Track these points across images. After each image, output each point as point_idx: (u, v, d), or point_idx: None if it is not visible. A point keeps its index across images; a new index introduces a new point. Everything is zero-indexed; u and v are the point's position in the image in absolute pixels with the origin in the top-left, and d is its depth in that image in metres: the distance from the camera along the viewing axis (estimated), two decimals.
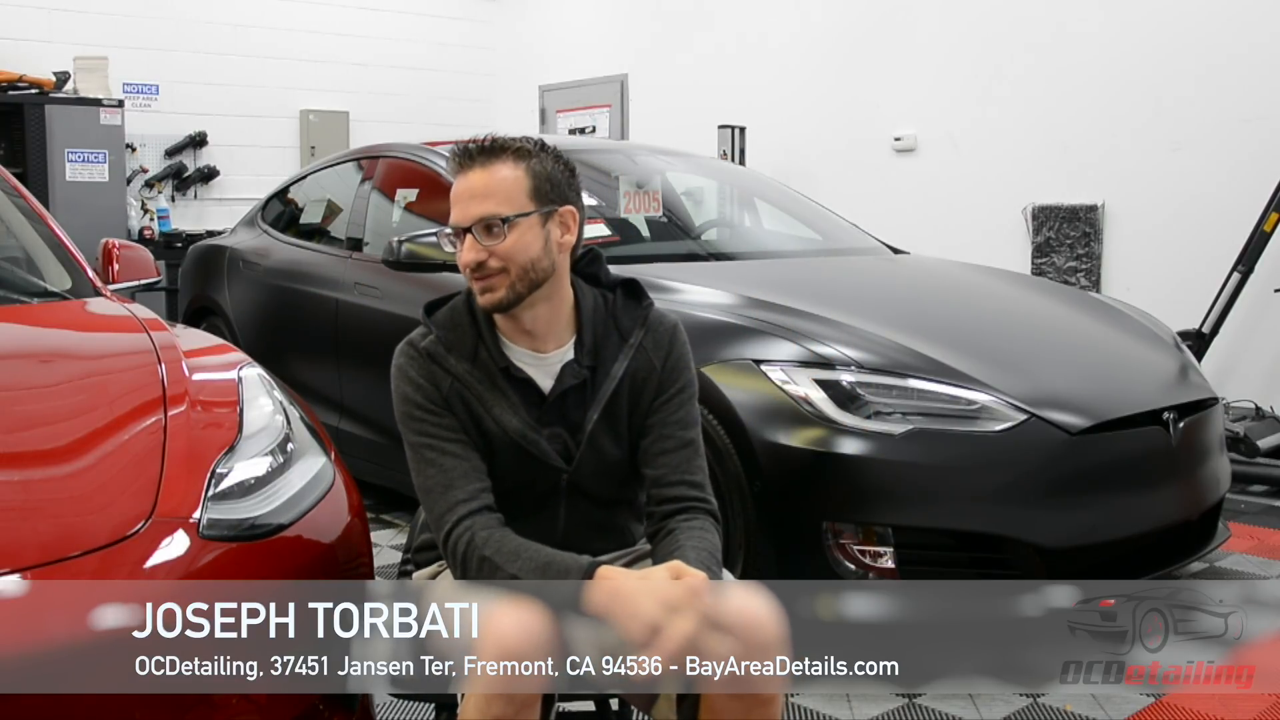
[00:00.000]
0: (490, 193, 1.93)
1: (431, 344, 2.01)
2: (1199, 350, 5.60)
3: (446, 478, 1.94)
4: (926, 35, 7.28)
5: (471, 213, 1.94)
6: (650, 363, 2.04)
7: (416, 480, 1.98)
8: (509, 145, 1.96)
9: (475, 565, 1.88)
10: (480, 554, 1.87)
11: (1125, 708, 2.91)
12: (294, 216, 5.55)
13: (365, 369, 4.63)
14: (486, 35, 10.39)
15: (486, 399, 1.98)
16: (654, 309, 2.08)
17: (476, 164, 1.95)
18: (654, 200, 4.53)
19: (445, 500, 1.93)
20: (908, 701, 2.96)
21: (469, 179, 1.94)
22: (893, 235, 5.17)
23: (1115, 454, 3.22)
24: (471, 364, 2.00)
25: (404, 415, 2.00)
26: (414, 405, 1.98)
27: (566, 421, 2.01)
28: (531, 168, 1.96)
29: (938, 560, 3.04)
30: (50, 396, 2.32)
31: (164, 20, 8.71)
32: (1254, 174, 5.79)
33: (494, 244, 1.93)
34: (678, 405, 2.04)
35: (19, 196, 3.34)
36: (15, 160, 7.62)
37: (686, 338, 2.09)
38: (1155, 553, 3.39)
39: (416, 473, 1.98)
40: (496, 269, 1.93)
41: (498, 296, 1.95)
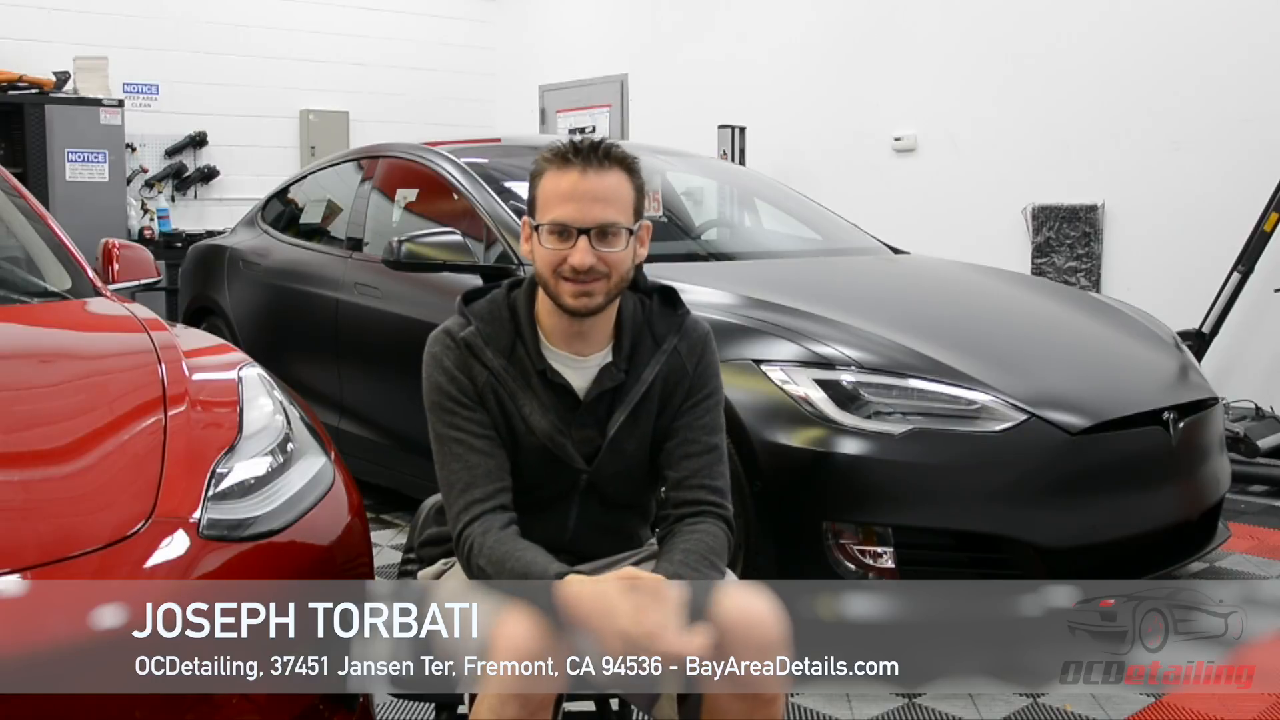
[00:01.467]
0: (611, 199, 1.92)
1: (471, 335, 2.00)
2: (1199, 350, 5.60)
3: (470, 475, 1.94)
4: (926, 35, 7.28)
5: (594, 216, 1.91)
6: (682, 367, 2.04)
7: (440, 473, 1.97)
8: (623, 156, 1.96)
9: (476, 570, 1.89)
10: (477, 562, 1.88)
11: (1125, 708, 2.91)
12: (294, 216, 5.55)
13: (365, 369, 4.63)
14: (486, 35, 10.39)
15: (519, 397, 1.98)
16: (690, 315, 2.10)
17: (594, 166, 1.92)
18: (654, 200, 4.53)
19: (464, 499, 1.93)
20: (908, 701, 2.96)
21: (588, 179, 1.91)
22: (893, 235, 5.17)
23: (1115, 454, 3.22)
24: (508, 360, 1.99)
25: (434, 405, 1.98)
26: (446, 396, 1.97)
27: (597, 424, 2.01)
28: (634, 180, 1.97)
29: (938, 560, 3.04)
30: (50, 396, 2.32)
31: (164, 20, 8.72)
32: (1254, 174, 5.79)
33: (609, 251, 1.91)
34: (705, 411, 2.05)
35: (19, 196, 3.34)
36: (15, 160, 7.62)
37: (716, 346, 2.10)
38: (1155, 553, 3.39)
39: (440, 465, 1.98)
40: (601, 274, 1.92)
41: (595, 302, 1.94)
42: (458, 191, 4.40)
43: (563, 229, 1.91)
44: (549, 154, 1.96)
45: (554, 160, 1.95)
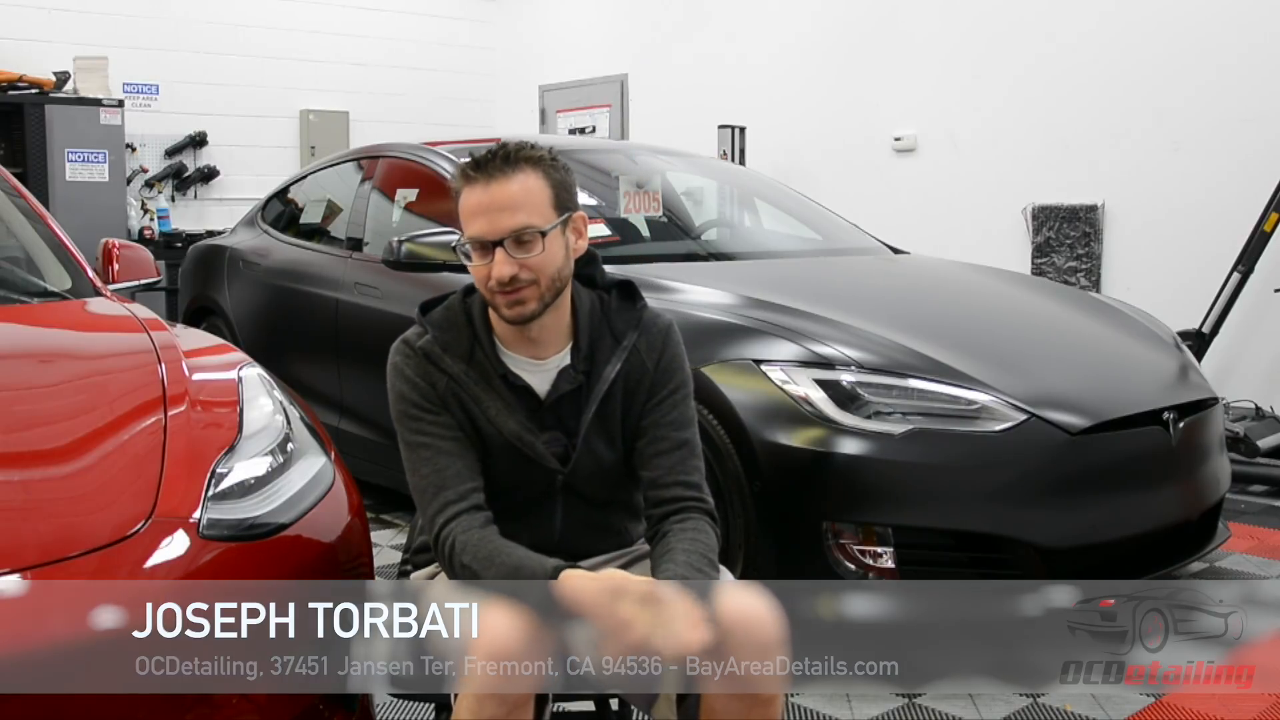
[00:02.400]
0: (520, 204, 1.88)
1: (428, 343, 2.00)
2: (1199, 350, 5.59)
3: (440, 478, 1.94)
4: (926, 35, 7.28)
5: (503, 225, 1.87)
6: (643, 364, 2.02)
7: (411, 479, 1.98)
8: (526, 153, 1.91)
9: (458, 569, 1.88)
10: (460, 560, 1.87)
11: (1125, 708, 2.91)
12: (294, 216, 5.55)
13: (365, 369, 4.63)
14: (486, 35, 10.39)
15: (483, 400, 1.97)
16: (648, 310, 2.06)
17: (497, 175, 1.89)
18: (654, 200, 4.53)
19: (437, 501, 1.93)
20: (908, 701, 2.96)
21: (491, 190, 1.88)
22: (893, 235, 5.17)
23: (1115, 454, 3.22)
24: (467, 365, 1.98)
25: (400, 414, 2.00)
26: (410, 404, 1.98)
27: (562, 425, 2.00)
28: (549, 175, 1.92)
29: (938, 560, 3.04)
30: (50, 396, 2.32)
31: (164, 20, 8.71)
32: (1254, 174, 5.79)
33: (527, 257, 1.88)
34: (671, 406, 2.02)
35: (19, 196, 3.34)
36: (15, 160, 7.62)
37: (680, 338, 2.07)
38: (1155, 553, 3.39)
39: (411, 471, 1.98)
40: (528, 281, 1.89)
41: (529, 309, 1.91)
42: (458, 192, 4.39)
43: (480, 244, 1.89)
44: (458, 171, 1.94)
45: (462, 177, 1.92)
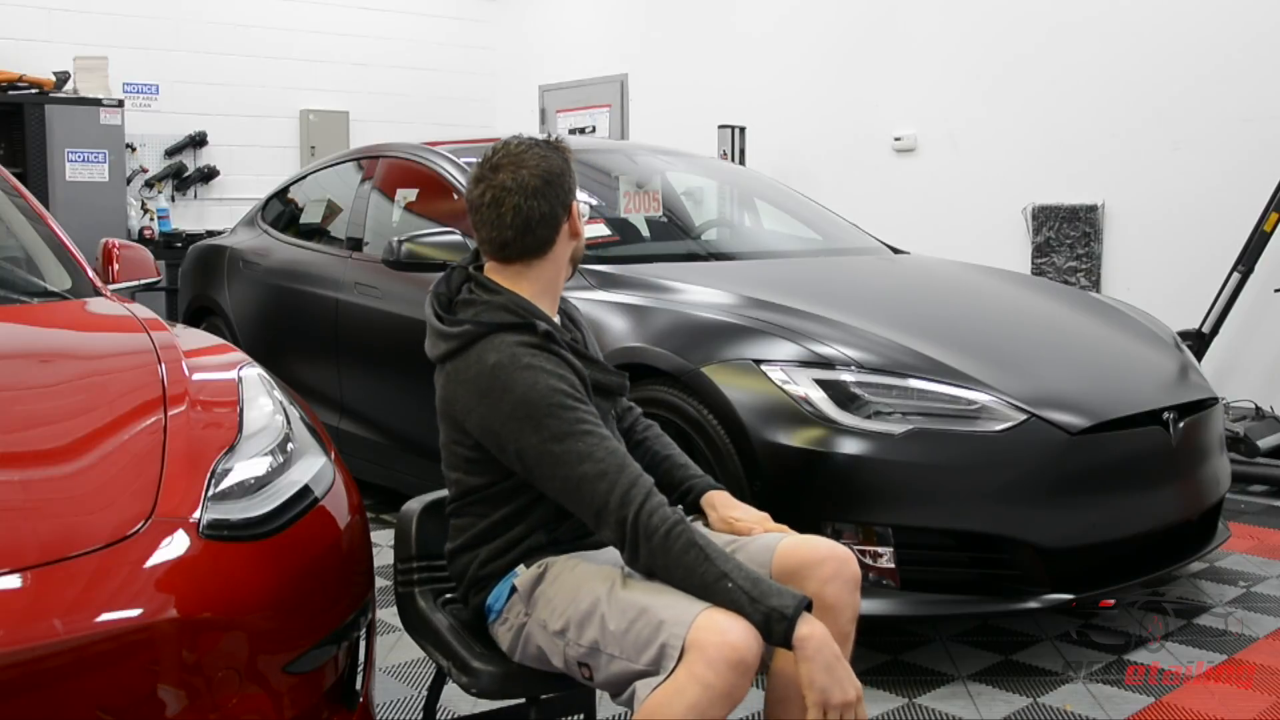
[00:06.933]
0: None
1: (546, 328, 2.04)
2: (1199, 350, 5.60)
3: (618, 458, 1.93)
4: (926, 35, 7.28)
5: None
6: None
7: (580, 469, 1.92)
8: None
9: (681, 547, 1.84)
10: (689, 538, 1.85)
11: (1125, 708, 2.91)
12: (294, 216, 5.55)
13: (365, 369, 4.63)
14: (486, 35, 10.40)
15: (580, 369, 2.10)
16: None
17: None
18: (654, 200, 4.53)
19: (625, 477, 1.91)
20: (908, 702, 2.96)
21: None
22: (893, 235, 5.17)
23: (1115, 454, 3.22)
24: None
25: (553, 407, 1.94)
26: (564, 394, 1.96)
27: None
28: None
29: (938, 560, 3.04)
30: (50, 396, 2.32)
31: (164, 20, 8.72)
32: (1254, 174, 5.79)
33: None
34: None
35: (19, 196, 3.34)
36: (15, 160, 7.62)
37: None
38: (1155, 553, 3.39)
39: (579, 460, 1.92)
40: None
41: None
42: (458, 191, 4.40)
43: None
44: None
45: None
